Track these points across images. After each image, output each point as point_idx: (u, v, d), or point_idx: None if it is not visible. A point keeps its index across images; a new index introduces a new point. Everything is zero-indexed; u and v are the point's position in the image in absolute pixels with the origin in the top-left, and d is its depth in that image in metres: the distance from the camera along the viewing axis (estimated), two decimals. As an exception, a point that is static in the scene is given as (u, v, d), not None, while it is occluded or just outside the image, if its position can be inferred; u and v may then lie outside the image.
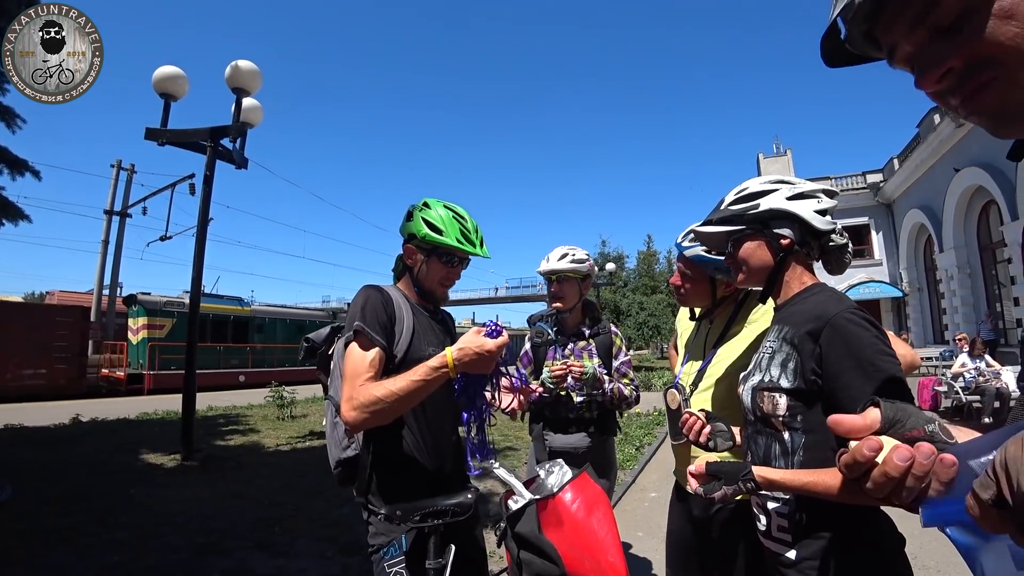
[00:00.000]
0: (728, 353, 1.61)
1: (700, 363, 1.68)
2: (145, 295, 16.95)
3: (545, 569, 1.36)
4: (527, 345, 2.45)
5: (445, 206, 1.52)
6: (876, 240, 21.85)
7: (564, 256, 2.30)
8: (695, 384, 1.65)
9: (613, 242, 42.53)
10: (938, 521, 0.49)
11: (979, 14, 0.46)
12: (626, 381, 2.37)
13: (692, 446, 1.61)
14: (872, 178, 21.81)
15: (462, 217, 1.53)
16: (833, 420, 0.58)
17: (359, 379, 1.30)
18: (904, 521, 1.11)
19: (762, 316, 1.60)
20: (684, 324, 1.93)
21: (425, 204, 1.53)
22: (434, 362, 1.28)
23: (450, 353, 1.28)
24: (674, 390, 1.69)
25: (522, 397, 1.67)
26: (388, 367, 1.39)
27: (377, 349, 1.36)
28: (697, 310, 1.79)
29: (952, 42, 0.49)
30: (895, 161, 20.05)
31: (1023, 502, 0.38)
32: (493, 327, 1.33)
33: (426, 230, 1.48)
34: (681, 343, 1.92)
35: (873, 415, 0.57)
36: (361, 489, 1.44)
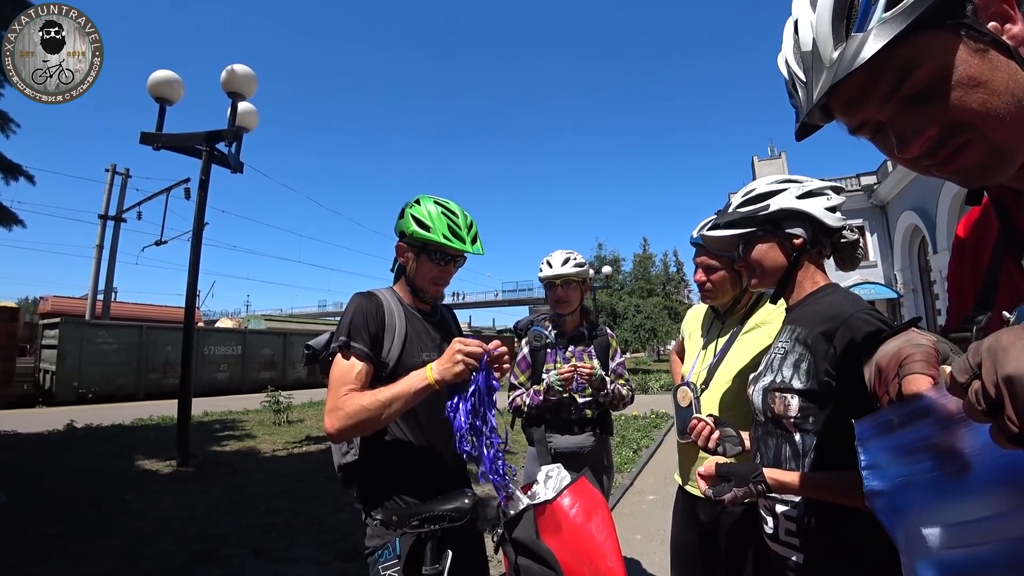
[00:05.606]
0: (740, 352, 1.61)
1: (711, 361, 1.68)
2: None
3: (543, 575, 1.34)
4: (524, 350, 2.44)
5: (436, 202, 1.48)
6: (871, 242, 21.93)
7: (567, 261, 2.31)
8: (706, 383, 1.65)
9: (609, 245, 42.61)
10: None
11: (946, 84, 0.50)
12: (622, 382, 2.41)
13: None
14: (866, 180, 21.91)
15: (452, 213, 1.47)
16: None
17: (344, 388, 1.30)
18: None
19: (776, 317, 1.58)
20: (692, 324, 1.92)
21: (417, 201, 1.50)
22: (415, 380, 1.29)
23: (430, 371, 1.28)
24: (685, 387, 1.69)
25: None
26: (380, 375, 1.38)
27: (364, 364, 1.35)
28: (718, 309, 1.76)
29: (924, 110, 0.53)
30: (889, 163, 20.17)
31: (1006, 388, 0.38)
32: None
33: (414, 227, 1.44)
34: (690, 343, 1.90)
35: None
36: (359, 494, 1.44)
